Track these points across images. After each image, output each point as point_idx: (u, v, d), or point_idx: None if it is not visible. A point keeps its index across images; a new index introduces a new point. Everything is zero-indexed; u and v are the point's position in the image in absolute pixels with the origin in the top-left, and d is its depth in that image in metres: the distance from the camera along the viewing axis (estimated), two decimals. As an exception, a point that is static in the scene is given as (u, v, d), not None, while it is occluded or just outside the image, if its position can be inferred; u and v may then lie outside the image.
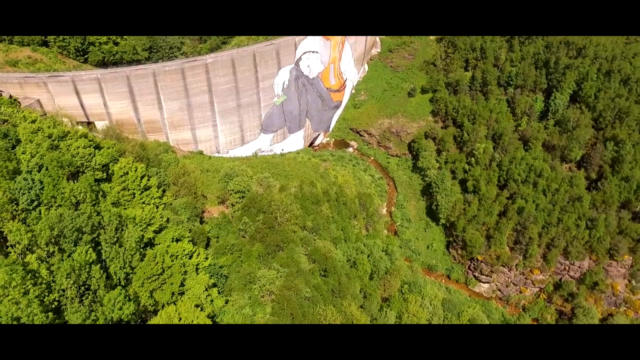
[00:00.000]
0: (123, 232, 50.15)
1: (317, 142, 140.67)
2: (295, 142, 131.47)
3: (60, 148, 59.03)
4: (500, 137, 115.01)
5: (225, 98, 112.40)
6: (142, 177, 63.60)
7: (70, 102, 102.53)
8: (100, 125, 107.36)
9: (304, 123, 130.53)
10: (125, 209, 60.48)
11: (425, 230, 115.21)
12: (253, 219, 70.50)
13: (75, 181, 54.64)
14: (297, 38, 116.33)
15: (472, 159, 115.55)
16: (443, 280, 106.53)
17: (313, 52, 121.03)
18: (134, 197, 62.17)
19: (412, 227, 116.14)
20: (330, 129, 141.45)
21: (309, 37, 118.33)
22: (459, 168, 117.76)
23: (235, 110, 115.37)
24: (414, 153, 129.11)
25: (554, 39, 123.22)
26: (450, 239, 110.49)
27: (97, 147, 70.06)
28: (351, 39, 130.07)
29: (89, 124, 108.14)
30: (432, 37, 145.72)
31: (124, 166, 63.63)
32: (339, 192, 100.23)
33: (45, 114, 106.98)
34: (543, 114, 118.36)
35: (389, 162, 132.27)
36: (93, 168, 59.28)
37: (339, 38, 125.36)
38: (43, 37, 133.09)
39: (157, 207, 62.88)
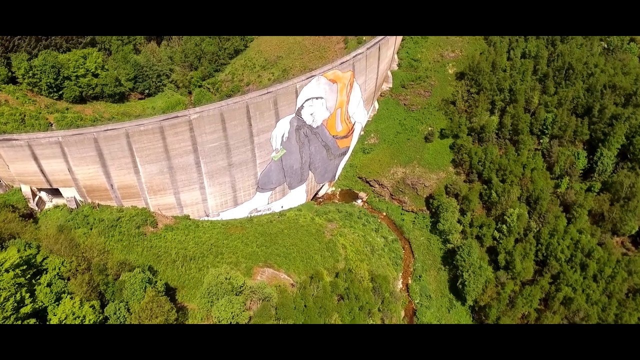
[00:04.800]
0: None
1: (321, 193, 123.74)
2: (296, 197, 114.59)
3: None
4: (537, 200, 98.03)
5: (213, 157, 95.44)
6: (90, 332, 46.61)
7: (28, 168, 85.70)
8: (66, 193, 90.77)
9: (307, 176, 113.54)
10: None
11: (448, 311, 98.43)
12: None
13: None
14: (298, 84, 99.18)
15: (504, 225, 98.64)
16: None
17: (317, 98, 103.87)
18: None
19: (433, 305, 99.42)
20: (336, 177, 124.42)
21: (312, 82, 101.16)
22: (487, 235, 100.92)
23: (225, 169, 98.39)
24: (433, 210, 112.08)
25: (596, 81, 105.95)
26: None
27: (37, 272, 53.34)
28: (360, 78, 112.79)
29: (53, 190, 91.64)
30: (450, 71, 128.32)
31: (67, 314, 46.77)
32: (350, 281, 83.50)
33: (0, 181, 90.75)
34: (586, 172, 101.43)
35: (403, 220, 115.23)
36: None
37: (346, 79, 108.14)
38: (10, 73, 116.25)
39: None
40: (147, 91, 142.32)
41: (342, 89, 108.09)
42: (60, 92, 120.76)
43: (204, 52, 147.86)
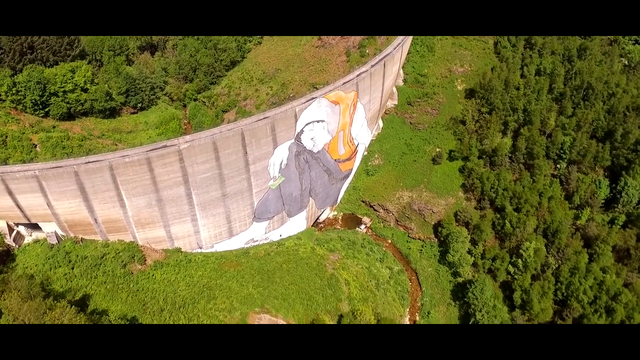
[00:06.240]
0: None
1: (322, 218, 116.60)
2: (296, 225, 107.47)
3: None
4: (555, 233, 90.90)
5: (206, 188, 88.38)
6: None
7: (3, 203, 78.91)
8: (46, 227, 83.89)
9: (307, 203, 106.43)
10: None
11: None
12: None
13: None
14: (298, 107, 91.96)
15: (519, 260, 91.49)
16: None
17: (318, 121, 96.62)
18: None
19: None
20: (338, 201, 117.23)
21: (313, 104, 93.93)
22: (500, 269, 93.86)
23: (219, 200, 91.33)
24: (442, 239, 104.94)
25: (618, 102, 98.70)
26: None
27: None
28: (364, 98, 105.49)
29: (32, 224, 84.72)
30: (459, 88, 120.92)
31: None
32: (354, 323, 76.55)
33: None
34: (608, 202, 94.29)
35: (409, 248, 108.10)
36: None
37: (350, 100, 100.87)
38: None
39: None
40: (139, 105, 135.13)
41: (344, 111, 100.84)
42: (47, 109, 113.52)
43: (199, 64, 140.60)
